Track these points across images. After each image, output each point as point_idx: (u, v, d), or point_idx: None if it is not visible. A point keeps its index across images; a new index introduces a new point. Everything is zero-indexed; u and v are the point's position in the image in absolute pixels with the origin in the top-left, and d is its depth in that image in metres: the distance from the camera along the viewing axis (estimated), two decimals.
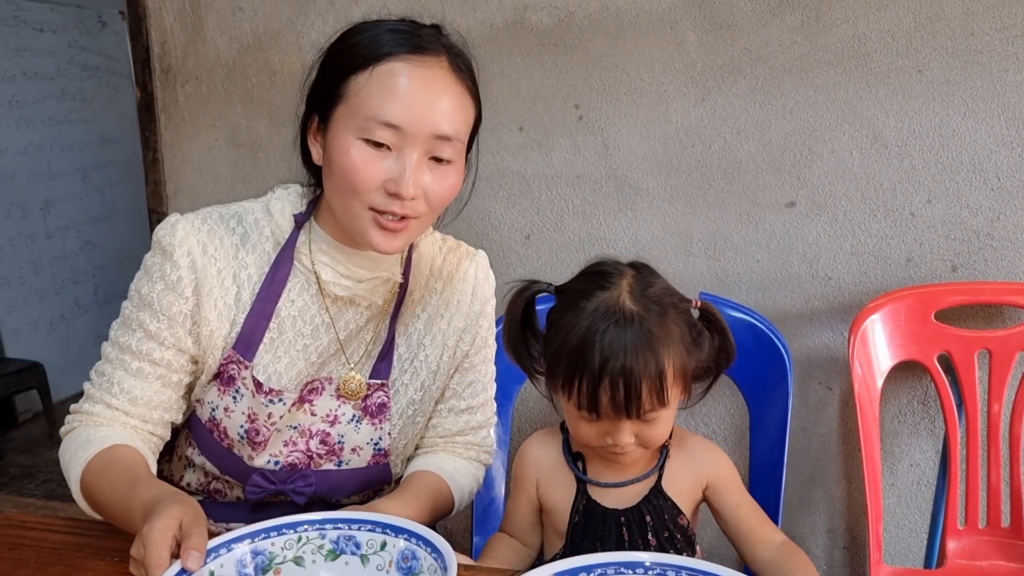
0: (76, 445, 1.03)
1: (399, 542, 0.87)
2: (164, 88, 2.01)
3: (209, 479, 1.17)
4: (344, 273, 1.07)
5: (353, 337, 1.11)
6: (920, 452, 1.66)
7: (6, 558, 1.01)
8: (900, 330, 1.50)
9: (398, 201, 0.97)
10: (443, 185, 1.00)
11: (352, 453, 1.11)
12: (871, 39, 1.53)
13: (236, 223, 1.07)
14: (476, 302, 1.17)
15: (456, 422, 1.19)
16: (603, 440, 0.99)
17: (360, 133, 0.96)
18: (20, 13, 3.41)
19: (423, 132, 0.96)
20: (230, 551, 0.84)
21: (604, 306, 0.95)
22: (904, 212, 1.57)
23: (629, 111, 1.68)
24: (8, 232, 3.39)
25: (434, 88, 0.97)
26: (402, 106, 0.95)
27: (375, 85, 0.96)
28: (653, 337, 0.93)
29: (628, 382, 0.92)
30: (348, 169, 0.97)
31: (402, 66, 0.96)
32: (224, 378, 1.07)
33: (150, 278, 1.05)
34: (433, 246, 1.18)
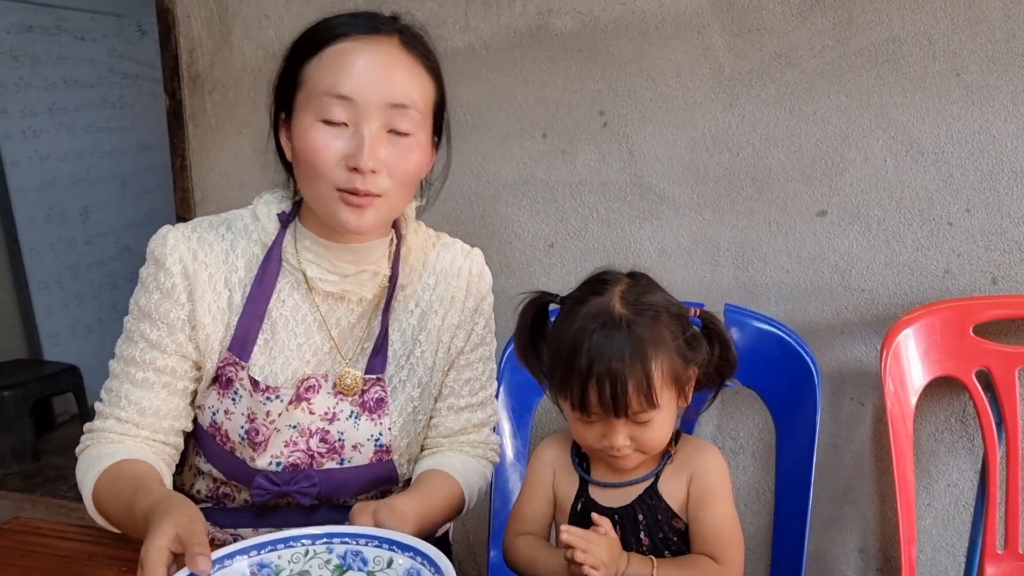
0: (87, 463, 1.05)
1: (405, 560, 0.86)
2: (192, 95, 2.03)
3: (217, 485, 1.17)
4: (330, 269, 1.08)
5: (346, 333, 1.11)
6: (958, 472, 1.59)
7: (17, 565, 1.03)
8: (936, 345, 1.44)
9: (359, 176, 0.98)
10: (406, 159, 1.01)
11: (353, 450, 1.11)
12: (906, 42, 1.47)
13: (225, 229, 1.10)
14: (471, 299, 1.17)
15: (457, 420, 1.18)
16: (601, 442, 0.99)
17: (317, 114, 0.99)
18: (61, 22, 3.48)
19: (376, 102, 0.98)
20: (233, 563, 0.83)
21: (594, 310, 0.96)
22: (941, 222, 1.51)
23: (655, 117, 1.64)
24: (48, 237, 3.46)
25: (385, 60, 1.00)
26: (352, 78, 0.98)
27: (326, 64, 0.99)
28: (640, 339, 0.94)
29: (614, 382, 0.93)
30: (309, 151, 0.99)
31: (352, 44, 0.99)
32: (223, 381, 1.08)
33: (146, 289, 1.08)
34: (427, 242, 1.18)
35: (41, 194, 3.42)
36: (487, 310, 1.20)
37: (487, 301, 1.20)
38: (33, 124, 3.36)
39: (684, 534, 1.02)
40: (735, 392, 1.68)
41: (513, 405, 1.48)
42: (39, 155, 3.40)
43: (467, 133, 1.78)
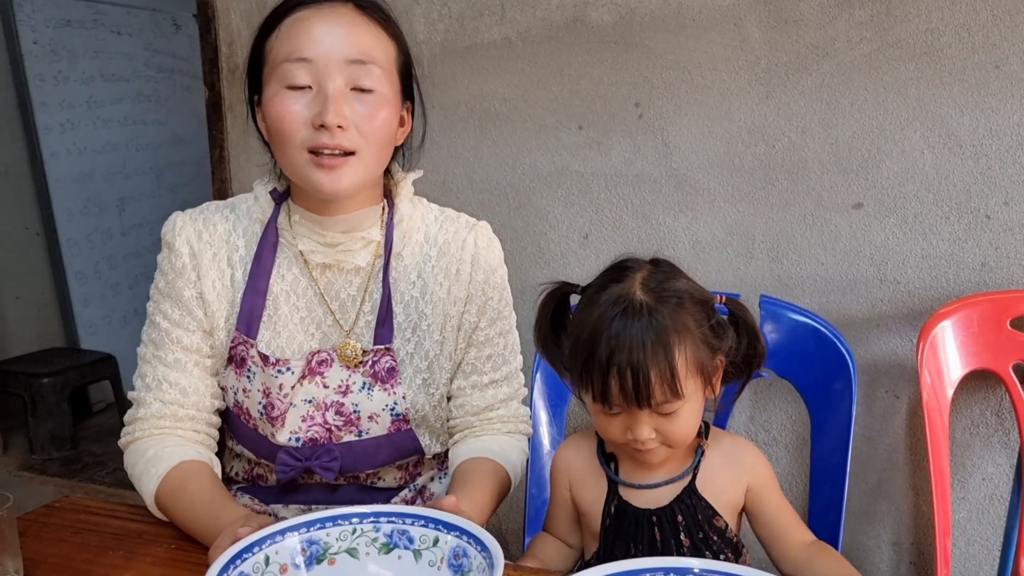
0: (144, 462, 1.08)
1: (451, 539, 0.87)
2: (231, 87, 2.06)
3: (251, 466, 1.20)
4: (320, 240, 1.10)
5: (347, 305, 1.13)
6: (993, 465, 1.59)
7: (69, 541, 1.05)
8: (973, 337, 1.44)
9: (327, 133, 1.00)
10: (373, 116, 1.02)
11: (370, 421, 1.12)
12: (945, 34, 1.47)
13: (229, 211, 1.14)
14: (478, 272, 1.16)
15: (483, 397, 1.18)
16: (625, 436, 0.97)
17: (281, 82, 1.01)
18: (99, 16, 3.54)
19: (334, 59, 1.00)
20: (284, 539, 0.86)
21: (614, 297, 0.94)
22: (979, 214, 1.51)
23: (690, 109, 1.65)
24: (85, 228, 3.52)
25: (339, 22, 1.02)
26: (310, 41, 1.00)
27: (284, 34, 1.03)
28: (662, 327, 0.91)
29: (636, 372, 0.90)
30: (276, 117, 1.02)
31: (307, 12, 1.03)
32: (237, 360, 1.11)
33: (162, 272, 1.13)
34: (428, 215, 1.18)
35: (79, 186, 3.48)
36: (499, 282, 1.19)
37: (498, 273, 1.19)
38: (71, 117, 3.43)
39: (724, 533, 1.01)
40: (768, 383, 1.69)
41: (548, 393, 1.50)
42: (77, 147, 3.46)
43: (502, 124, 1.80)
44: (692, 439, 1.01)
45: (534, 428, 1.46)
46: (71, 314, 3.46)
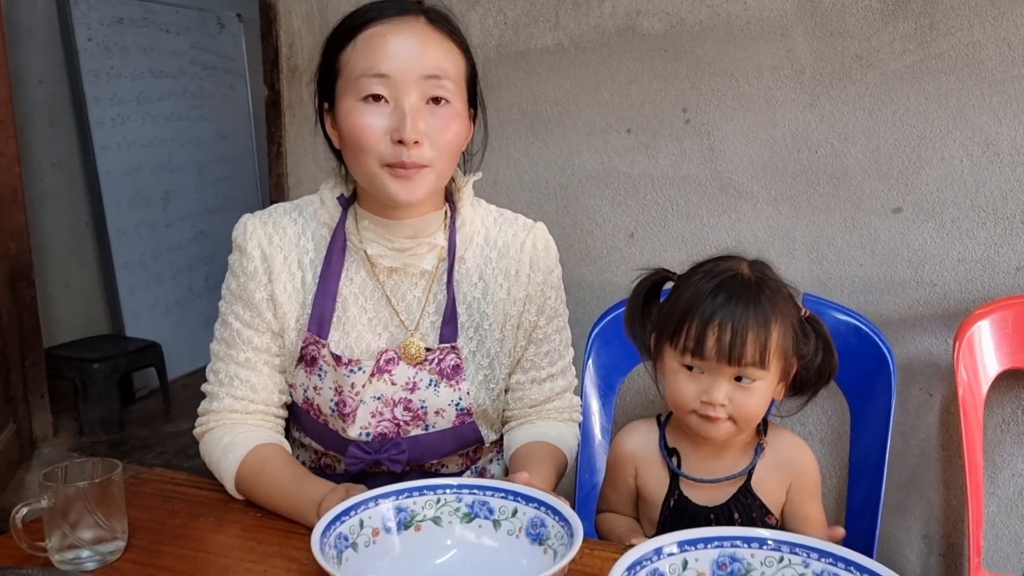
0: (221, 449, 1.14)
1: (529, 510, 0.94)
2: (290, 87, 2.15)
3: (318, 456, 1.27)
4: (388, 245, 1.14)
5: (412, 306, 1.17)
6: (1023, 461, 1.65)
7: (160, 508, 1.13)
8: (1008, 337, 1.51)
9: (404, 148, 1.03)
10: (446, 129, 1.06)
11: (436, 416, 1.17)
12: (986, 47, 1.53)
13: (297, 214, 1.18)
14: (537, 272, 1.21)
15: (541, 391, 1.24)
16: (699, 399, 1.02)
17: (358, 94, 1.05)
18: (149, 15, 3.65)
19: (411, 74, 1.04)
20: (378, 505, 0.93)
21: (723, 269, 1.03)
22: (1015, 220, 1.57)
23: (736, 116, 1.72)
24: (132, 220, 3.63)
25: (414, 37, 1.06)
26: (387, 56, 1.04)
27: (360, 48, 1.06)
28: (764, 300, 1.00)
29: (736, 326, 0.98)
30: (354, 130, 1.05)
31: (381, 27, 1.06)
32: (307, 359, 1.16)
33: (234, 274, 1.17)
34: (487, 217, 1.23)
35: (127, 179, 3.59)
36: (556, 282, 1.24)
37: (555, 273, 1.24)
38: (121, 112, 3.54)
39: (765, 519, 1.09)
40: None
41: (599, 384, 1.57)
42: (126, 141, 3.57)
43: (553, 127, 1.88)
44: (754, 425, 1.07)
45: (585, 416, 1.54)
46: (117, 303, 3.57)
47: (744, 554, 0.85)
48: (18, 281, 2.69)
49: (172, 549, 1.01)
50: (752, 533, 0.84)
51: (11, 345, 2.63)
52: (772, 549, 0.84)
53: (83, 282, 3.54)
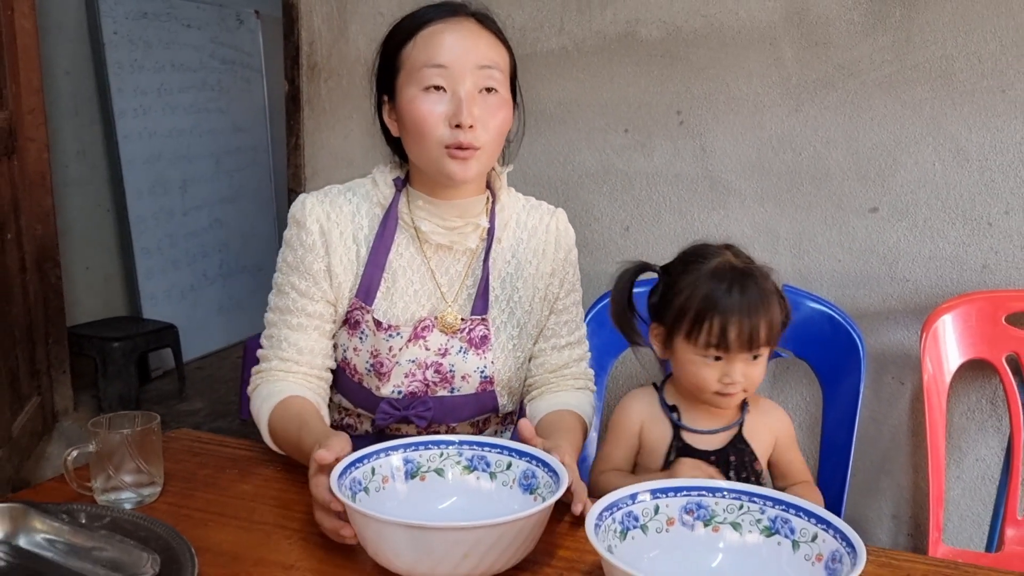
0: (260, 400, 1.26)
1: (522, 463, 1.05)
2: (309, 82, 2.27)
3: (343, 415, 1.38)
4: (439, 224, 1.25)
5: (454, 280, 1.30)
6: (986, 448, 1.77)
7: (190, 461, 1.25)
8: (971, 330, 1.62)
9: (461, 131, 1.15)
10: (497, 116, 1.19)
11: (462, 380, 1.29)
12: (958, 59, 1.65)
13: (351, 195, 1.30)
14: (560, 251, 1.35)
15: (560, 357, 1.37)
16: (719, 381, 1.16)
17: (419, 84, 1.17)
18: (172, 10, 3.79)
19: (467, 65, 1.16)
20: (388, 456, 1.05)
21: (719, 266, 1.16)
22: (982, 221, 1.68)
23: (726, 118, 1.84)
24: (151, 207, 3.77)
25: (467, 34, 1.18)
26: (445, 49, 1.16)
27: (420, 44, 1.18)
28: (764, 286, 1.15)
29: (752, 318, 1.12)
30: (417, 117, 1.17)
31: (438, 25, 1.19)
32: (351, 323, 1.28)
33: (291, 247, 1.28)
34: (517, 203, 1.36)
35: (148, 167, 3.73)
36: (574, 260, 1.38)
37: (573, 252, 1.38)
38: (144, 103, 3.67)
39: (760, 476, 1.22)
40: (787, 366, 1.88)
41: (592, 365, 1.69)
42: (147, 131, 3.71)
43: (556, 126, 2.00)
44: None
45: None
46: (136, 286, 3.70)
47: (708, 502, 0.96)
48: (44, 262, 2.82)
49: (202, 494, 1.13)
50: (714, 484, 0.96)
51: (37, 322, 2.76)
52: (733, 498, 0.96)
53: (104, 265, 3.68)
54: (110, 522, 0.98)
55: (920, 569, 0.97)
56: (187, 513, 1.07)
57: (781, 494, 0.94)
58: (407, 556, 0.85)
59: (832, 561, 0.87)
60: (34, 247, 2.75)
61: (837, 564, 0.85)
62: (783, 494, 0.94)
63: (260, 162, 4.47)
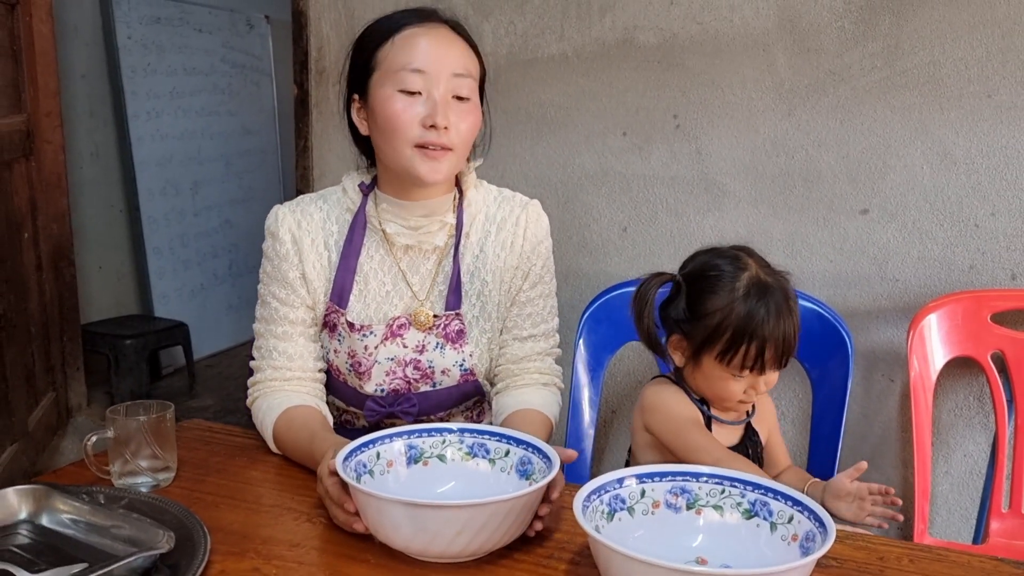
0: (262, 414, 1.29)
1: (519, 451, 1.11)
2: (318, 86, 2.33)
3: (340, 412, 1.43)
4: (404, 224, 1.29)
5: (425, 279, 1.33)
6: (974, 444, 1.81)
7: (201, 449, 1.31)
8: (957, 328, 1.67)
9: (434, 132, 1.19)
10: (467, 120, 1.23)
11: (443, 375, 1.34)
12: (945, 66, 1.70)
13: (322, 202, 1.33)
14: (527, 243, 1.35)
15: (521, 348, 1.38)
16: (745, 391, 1.22)
17: (396, 85, 1.20)
18: (184, 15, 3.86)
19: (444, 71, 1.20)
20: (392, 442, 1.11)
21: (749, 283, 1.19)
22: (969, 223, 1.73)
23: (721, 122, 1.89)
24: (163, 208, 3.84)
25: (444, 40, 1.23)
26: (423, 54, 1.20)
27: (399, 46, 1.22)
28: (791, 302, 1.19)
29: (787, 339, 1.18)
30: (391, 115, 1.20)
31: (417, 29, 1.22)
32: (329, 326, 1.33)
33: (268, 258, 1.33)
34: (488, 196, 1.37)
35: (159, 168, 3.80)
36: (544, 252, 1.37)
37: (544, 244, 1.37)
38: (156, 106, 3.75)
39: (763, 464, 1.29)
40: None
41: (588, 360, 1.75)
42: (160, 134, 3.78)
43: (556, 129, 2.06)
44: None
45: (575, 389, 1.72)
46: (147, 285, 3.77)
47: (692, 486, 1.02)
48: (59, 261, 2.89)
49: (213, 479, 1.19)
50: (695, 470, 1.02)
51: (52, 320, 2.83)
52: (715, 483, 1.01)
53: (117, 264, 3.75)
54: (127, 503, 1.04)
55: (895, 552, 1.02)
56: (199, 496, 1.13)
57: (760, 479, 0.99)
58: (404, 532, 0.91)
59: (806, 540, 0.92)
60: (50, 246, 2.82)
61: (810, 543, 0.90)
62: (762, 479, 0.99)
63: (269, 164, 4.54)
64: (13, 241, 2.46)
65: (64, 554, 0.93)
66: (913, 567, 0.99)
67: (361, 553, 0.97)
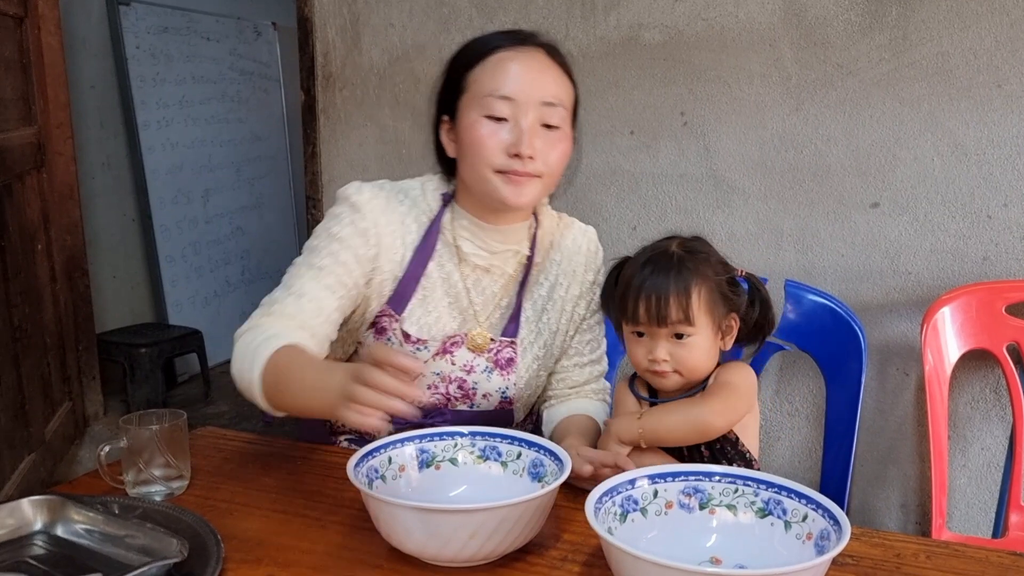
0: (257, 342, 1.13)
1: (531, 453, 1.10)
2: (324, 92, 2.34)
3: None
4: (481, 246, 1.27)
5: (488, 301, 1.32)
6: (991, 437, 1.80)
7: (215, 456, 1.30)
8: (971, 321, 1.66)
9: (519, 160, 1.16)
10: (556, 149, 1.20)
11: (483, 398, 1.33)
12: (954, 56, 1.69)
13: (403, 196, 1.30)
14: (589, 272, 1.37)
15: (582, 374, 1.40)
16: (647, 358, 1.18)
17: (482, 111, 1.17)
18: (191, 24, 3.88)
19: (533, 99, 1.16)
20: (403, 446, 1.11)
21: (653, 248, 1.20)
22: (981, 214, 1.72)
23: (729, 118, 1.89)
24: (175, 216, 3.86)
25: (536, 66, 1.19)
26: (513, 81, 1.16)
27: (489, 70, 1.18)
28: (684, 268, 1.15)
29: (659, 294, 1.14)
30: (475, 140, 1.17)
31: (509, 53, 1.19)
32: (378, 327, 1.30)
33: (340, 222, 1.23)
34: (551, 222, 1.37)
35: (171, 177, 3.82)
36: (601, 280, 1.37)
37: (601, 273, 1.38)
38: (166, 115, 3.76)
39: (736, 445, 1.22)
40: (792, 360, 1.92)
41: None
42: (170, 142, 3.80)
43: None
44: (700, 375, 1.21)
45: None
46: (161, 293, 3.79)
47: (705, 486, 1.01)
48: (73, 271, 2.92)
49: (227, 486, 1.19)
50: (708, 469, 1.01)
51: (67, 330, 2.86)
52: (728, 482, 1.01)
53: (130, 273, 3.77)
54: (141, 512, 1.04)
55: (911, 549, 1.01)
56: (213, 504, 1.12)
57: (774, 477, 0.99)
58: (417, 537, 0.91)
59: (821, 539, 0.91)
60: (63, 257, 2.84)
61: (825, 541, 0.90)
62: (776, 477, 0.99)
63: (279, 170, 4.56)
64: (27, 252, 2.48)
65: (79, 564, 0.94)
66: (930, 563, 0.98)
67: (375, 558, 0.97)
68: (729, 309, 1.20)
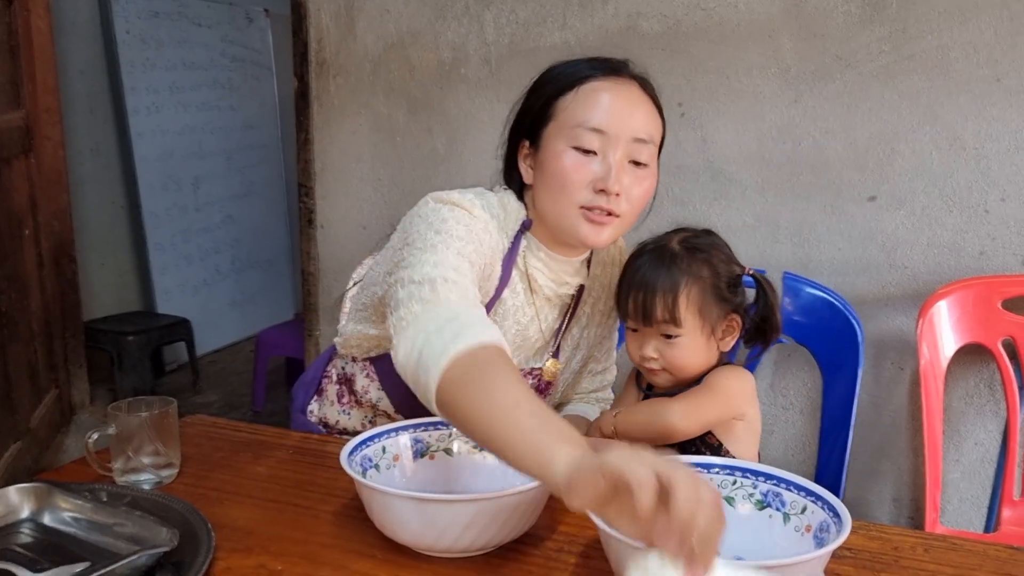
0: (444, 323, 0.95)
1: None
2: (318, 79, 2.32)
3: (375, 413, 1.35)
4: (552, 278, 1.23)
5: (548, 329, 1.29)
6: (985, 432, 1.80)
7: (205, 445, 1.29)
8: (967, 315, 1.65)
9: (604, 197, 1.10)
10: (641, 187, 1.14)
11: None
12: (954, 50, 1.68)
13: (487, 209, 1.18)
14: (615, 282, 1.30)
15: (593, 382, 1.40)
16: (637, 353, 1.19)
17: (570, 141, 1.11)
18: (183, 9, 3.84)
19: (624, 135, 1.10)
20: (398, 436, 1.10)
21: (653, 245, 1.20)
22: (979, 209, 1.71)
23: (727, 110, 1.87)
24: (164, 203, 3.82)
25: (630, 99, 1.13)
26: (605, 113, 1.10)
27: (580, 100, 1.12)
28: (675, 267, 1.15)
29: (646, 292, 1.14)
30: (560, 172, 1.11)
31: (602, 83, 1.13)
32: None
33: (458, 222, 1.11)
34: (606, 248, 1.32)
35: (160, 164, 3.78)
36: None
37: None
38: (156, 101, 3.73)
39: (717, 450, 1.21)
40: (788, 354, 1.91)
41: None
42: (160, 129, 3.76)
43: None
44: (689, 374, 1.20)
45: None
46: (150, 281, 3.76)
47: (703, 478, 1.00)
48: (61, 258, 2.88)
49: (217, 475, 1.18)
50: (707, 461, 1.00)
51: (54, 317, 2.82)
52: (727, 474, 1.00)
53: (118, 261, 3.74)
54: (130, 500, 1.02)
55: (909, 542, 1.01)
56: (203, 492, 1.11)
57: (773, 469, 0.98)
58: (412, 527, 0.90)
59: (820, 531, 0.90)
60: (51, 243, 2.81)
61: (825, 534, 0.89)
62: (775, 469, 0.98)
63: (271, 158, 4.52)
64: (14, 238, 2.45)
65: (67, 553, 0.92)
66: (928, 556, 0.97)
67: (368, 548, 0.96)
68: (728, 310, 1.18)
